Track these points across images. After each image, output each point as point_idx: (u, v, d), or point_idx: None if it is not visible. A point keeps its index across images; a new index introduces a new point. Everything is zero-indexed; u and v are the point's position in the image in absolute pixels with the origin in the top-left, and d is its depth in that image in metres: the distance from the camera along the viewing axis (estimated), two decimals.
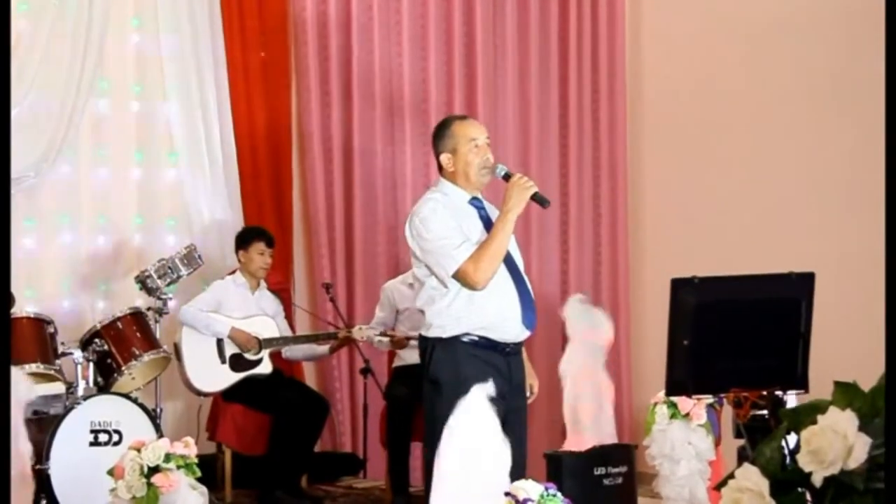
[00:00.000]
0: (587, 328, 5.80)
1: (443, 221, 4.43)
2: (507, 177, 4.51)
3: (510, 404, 4.40)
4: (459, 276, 4.37)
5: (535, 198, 4.45)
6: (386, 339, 6.76)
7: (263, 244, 6.90)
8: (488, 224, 4.54)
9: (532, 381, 4.75)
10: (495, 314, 4.42)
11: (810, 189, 7.34)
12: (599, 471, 5.60)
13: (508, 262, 4.50)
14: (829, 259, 6.28)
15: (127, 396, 5.97)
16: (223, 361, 6.72)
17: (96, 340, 6.15)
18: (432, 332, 4.46)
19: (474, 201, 4.59)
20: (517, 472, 4.24)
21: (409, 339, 6.59)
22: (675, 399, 5.42)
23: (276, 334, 6.88)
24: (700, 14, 8.04)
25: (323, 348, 7.08)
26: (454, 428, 3.52)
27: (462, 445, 3.49)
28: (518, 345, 4.55)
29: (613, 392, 5.85)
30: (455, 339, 4.41)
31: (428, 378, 4.50)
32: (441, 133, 4.60)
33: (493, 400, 4.28)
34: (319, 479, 7.23)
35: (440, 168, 4.61)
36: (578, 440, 5.70)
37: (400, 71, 7.84)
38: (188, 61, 7.23)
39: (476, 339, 4.41)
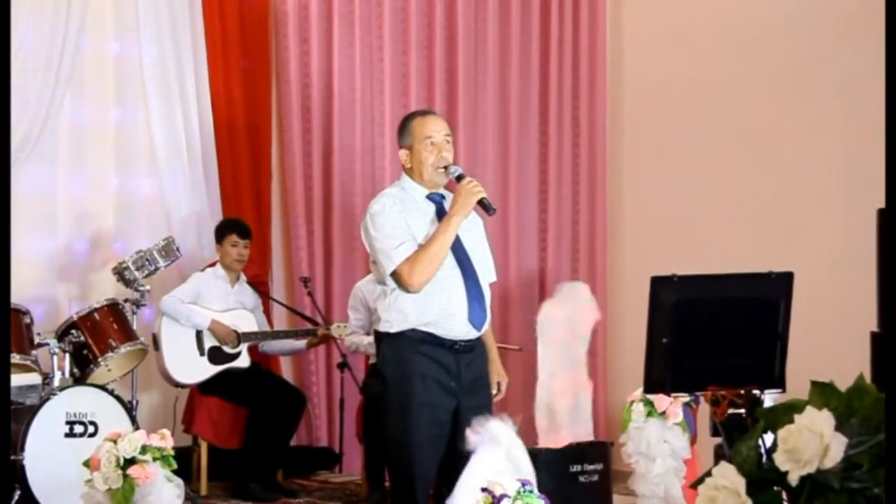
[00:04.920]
0: (571, 309, 5.79)
1: (390, 219, 4.37)
2: (459, 178, 4.43)
3: (462, 402, 4.35)
4: (396, 278, 4.33)
5: (482, 203, 4.38)
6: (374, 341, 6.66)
7: (236, 235, 6.89)
8: None
9: (500, 379, 4.70)
10: (440, 311, 4.36)
11: (790, 188, 7.36)
12: (575, 468, 5.62)
13: (460, 258, 4.44)
14: (808, 259, 6.30)
15: (103, 388, 5.95)
16: (202, 353, 6.71)
17: (73, 331, 6.13)
18: (381, 327, 4.44)
19: (434, 196, 4.51)
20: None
21: None
22: (651, 397, 5.44)
23: (255, 328, 6.88)
24: (681, 13, 8.06)
25: (300, 343, 7.08)
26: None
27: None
28: (469, 343, 4.44)
29: (590, 388, 5.85)
30: (401, 335, 4.37)
31: (377, 372, 4.50)
32: (402, 129, 4.55)
33: (439, 397, 4.29)
34: (295, 473, 7.22)
35: (402, 163, 4.55)
36: (554, 437, 5.71)
37: (381, 66, 7.84)
38: (167, 54, 7.20)
39: (422, 334, 4.36)
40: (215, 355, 6.74)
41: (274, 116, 7.65)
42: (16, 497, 5.58)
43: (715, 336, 3.75)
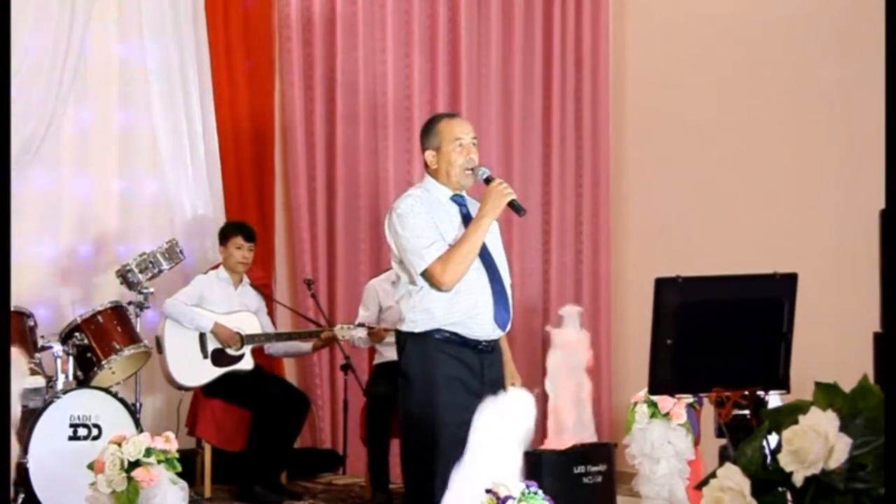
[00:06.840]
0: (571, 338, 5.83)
1: (419, 219, 4.45)
2: (488, 180, 4.51)
3: (484, 402, 4.40)
4: (427, 276, 4.40)
5: (512, 205, 4.47)
6: (364, 335, 6.73)
7: (241, 238, 6.89)
8: (469, 222, 4.54)
9: (514, 380, 4.75)
10: (467, 311, 4.43)
11: (794, 189, 7.36)
12: (579, 469, 5.62)
13: (486, 260, 4.51)
14: (812, 260, 6.30)
15: (107, 391, 5.94)
16: (205, 356, 6.71)
17: (76, 334, 6.13)
18: (405, 327, 4.50)
19: (457, 198, 4.60)
20: None
21: (387, 331, 6.56)
22: (655, 398, 5.44)
23: (259, 330, 6.88)
24: (683, 14, 8.06)
25: (306, 345, 7.08)
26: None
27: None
28: (491, 343, 4.53)
29: (592, 391, 5.87)
30: (426, 335, 4.43)
31: (400, 372, 4.54)
32: (428, 130, 4.62)
33: (463, 397, 4.29)
34: (299, 475, 7.22)
35: (426, 164, 4.62)
36: (558, 438, 5.71)
37: (384, 69, 7.84)
38: (171, 56, 7.20)
39: (448, 335, 4.43)
40: (219, 358, 6.74)
41: (277, 119, 7.65)
42: (20, 500, 5.58)
43: (719, 337, 3.75)
